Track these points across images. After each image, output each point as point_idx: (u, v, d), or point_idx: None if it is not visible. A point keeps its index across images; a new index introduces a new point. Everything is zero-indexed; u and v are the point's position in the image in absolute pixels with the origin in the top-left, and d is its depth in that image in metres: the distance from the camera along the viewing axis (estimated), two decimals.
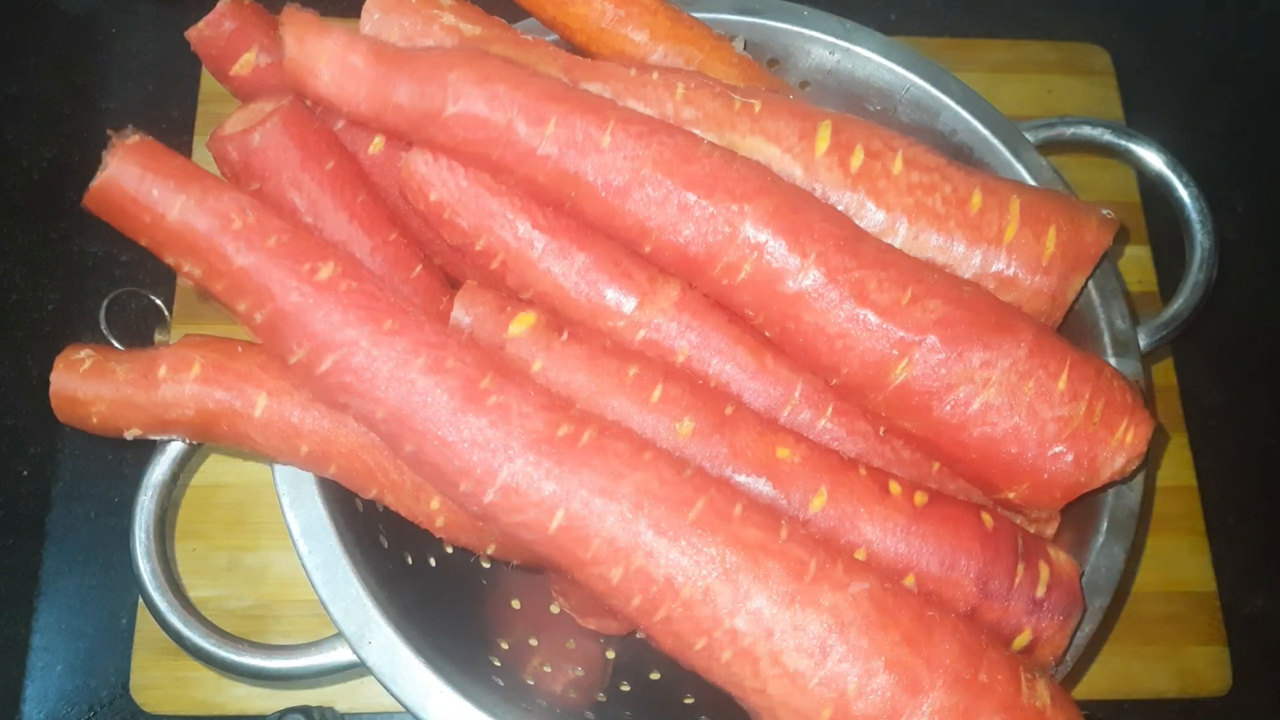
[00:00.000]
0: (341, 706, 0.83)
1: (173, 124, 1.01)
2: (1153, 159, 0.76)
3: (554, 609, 0.80)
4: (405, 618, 0.64)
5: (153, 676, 0.84)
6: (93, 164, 0.56)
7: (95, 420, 0.61)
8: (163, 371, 0.60)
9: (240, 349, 0.61)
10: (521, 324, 0.63)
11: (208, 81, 1.02)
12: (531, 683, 0.73)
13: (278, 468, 0.65)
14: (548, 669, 0.75)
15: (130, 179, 0.55)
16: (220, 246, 0.56)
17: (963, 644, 0.56)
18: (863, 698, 0.54)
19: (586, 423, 0.58)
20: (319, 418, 0.61)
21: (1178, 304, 0.73)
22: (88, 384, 0.60)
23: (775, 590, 0.55)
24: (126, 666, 0.84)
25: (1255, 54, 1.16)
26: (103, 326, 0.84)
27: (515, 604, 0.80)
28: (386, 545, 0.70)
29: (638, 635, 0.80)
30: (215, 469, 0.89)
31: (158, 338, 0.92)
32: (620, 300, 0.64)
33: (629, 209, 0.61)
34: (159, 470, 0.65)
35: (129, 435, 0.61)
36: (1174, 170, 0.75)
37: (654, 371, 0.63)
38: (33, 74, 1.06)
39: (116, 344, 0.73)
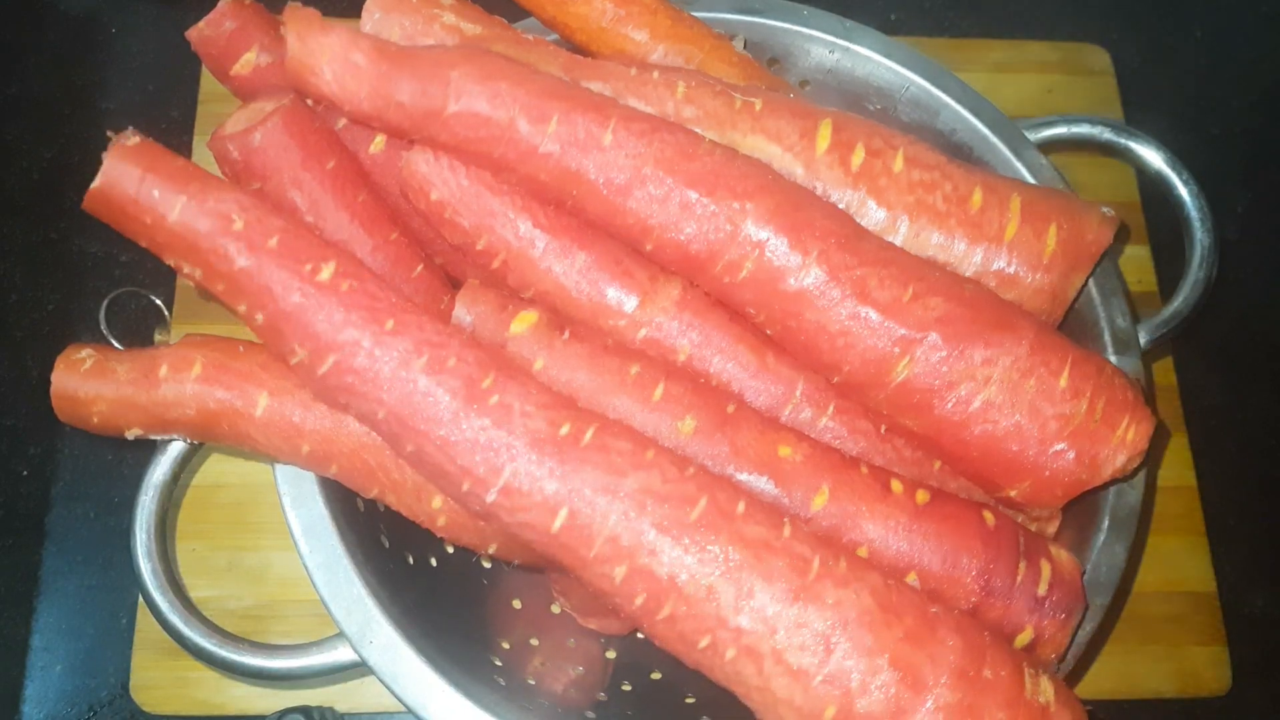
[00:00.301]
0: (341, 707, 0.83)
1: (173, 124, 1.01)
2: (1152, 157, 0.75)
3: (555, 609, 0.80)
4: (407, 617, 0.64)
5: (153, 676, 0.84)
6: (93, 164, 0.55)
7: (96, 420, 0.60)
8: (164, 371, 0.60)
9: (242, 349, 0.61)
10: (523, 323, 0.63)
11: (208, 81, 1.02)
12: (533, 682, 0.73)
13: (279, 467, 0.65)
14: (549, 669, 0.75)
15: (130, 181, 0.55)
16: (221, 247, 0.56)
17: (966, 640, 0.56)
18: (866, 695, 0.54)
19: (589, 422, 0.58)
20: (320, 417, 0.61)
21: (1178, 302, 0.73)
22: (89, 384, 0.60)
23: (779, 587, 0.55)
24: (126, 666, 0.84)
25: (1255, 54, 1.16)
26: (103, 326, 0.84)
27: (516, 604, 0.79)
28: (387, 545, 0.70)
29: (638, 635, 0.80)
30: (215, 469, 0.89)
31: (158, 338, 0.92)
32: (621, 299, 0.64)
33: (630, 207, 0.61)
34: (160, 470, 0.65)
35: (130, 435, 0.61)
36: (1174, 168, 0.75)
37: (655, 370, 0.63)
38: (33, 74, 1.06)
39: (116, 344, 0.73)
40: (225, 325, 0.72)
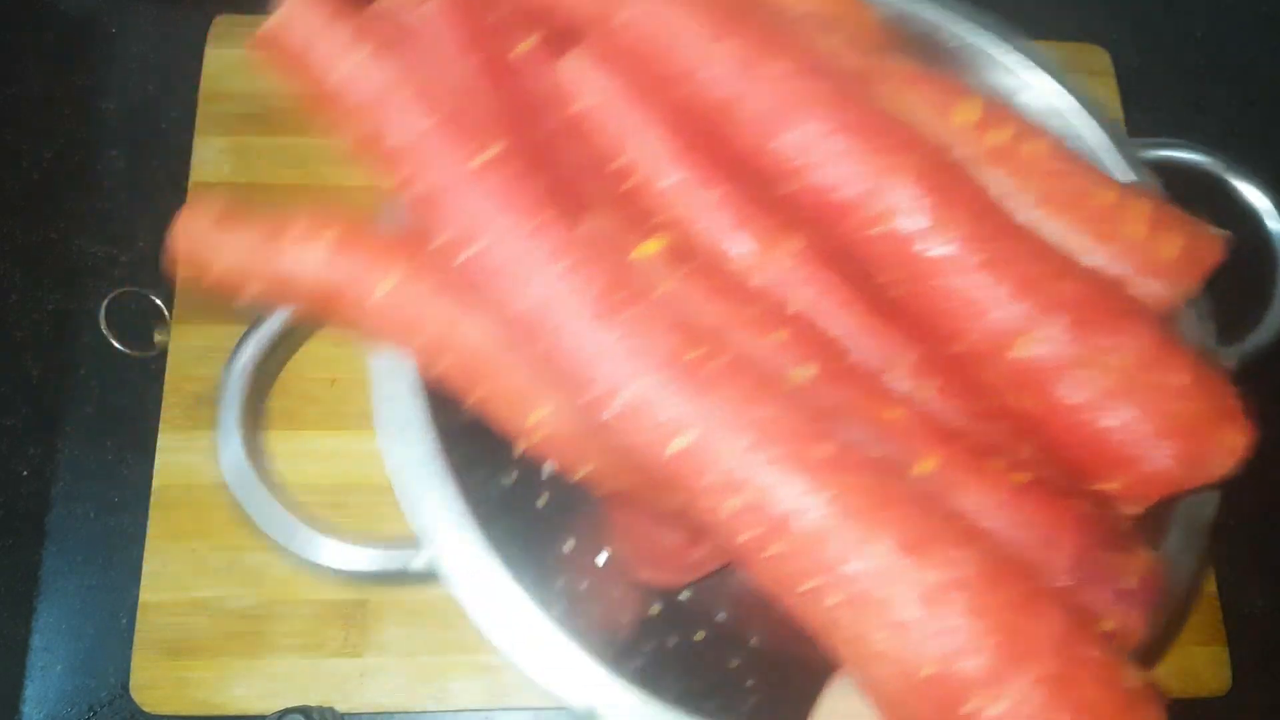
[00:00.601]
0: (342, 707, 0.82)
1: (173, 124, 0.98)
2: (1250, 192, 0.78)
3: (600, 561, 0.79)
4: (483, 528, 0.62)
5: (153, 676, 0.83)
6: (93, 164, 0.54)
7: (214, 276, 0.58)
8: (292, 238, 0.58)
9: (374, 228, 0.59)
10: (651, 247, 0.62)
11: (208, 81, 1.00)
12: (585, 622, 0.72)
13: (375, 359, 0.63)
14: (598, 613, 0.74)
15: (307, 27, 0.53)
16: (384, 113, 0.54)
17: (1066, 617, 0.56)
18: (967, 658, 0.53)
19: (716, 352, 0.57)
20: (443, 308, 0.59)
21: (1267, 332, 0.75)
22: (215, 236, 0.57)
23: (894, 540, 0.54)
24: (126, 666, 0.83)
25: (1255, 54, 1.18)
26: (103, 326, 0.83)
27: (567, 547, 0.78)
28: (462, 460, 0.68)
29: (681, 597, 0.79)
30: (215, 469, 0.86)
31: (158, 338, 0.91)
32: (746, 240, 0.64)
33: (776, 147, 0.61)
34: (252, 346, 0.63)
35: (244, 298, 0.59)
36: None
37: (773, 315, 0.63)
38: (33, 74, 1.05)
39: (117, 344, 0.72)
40: (227, 325, 0.70)
